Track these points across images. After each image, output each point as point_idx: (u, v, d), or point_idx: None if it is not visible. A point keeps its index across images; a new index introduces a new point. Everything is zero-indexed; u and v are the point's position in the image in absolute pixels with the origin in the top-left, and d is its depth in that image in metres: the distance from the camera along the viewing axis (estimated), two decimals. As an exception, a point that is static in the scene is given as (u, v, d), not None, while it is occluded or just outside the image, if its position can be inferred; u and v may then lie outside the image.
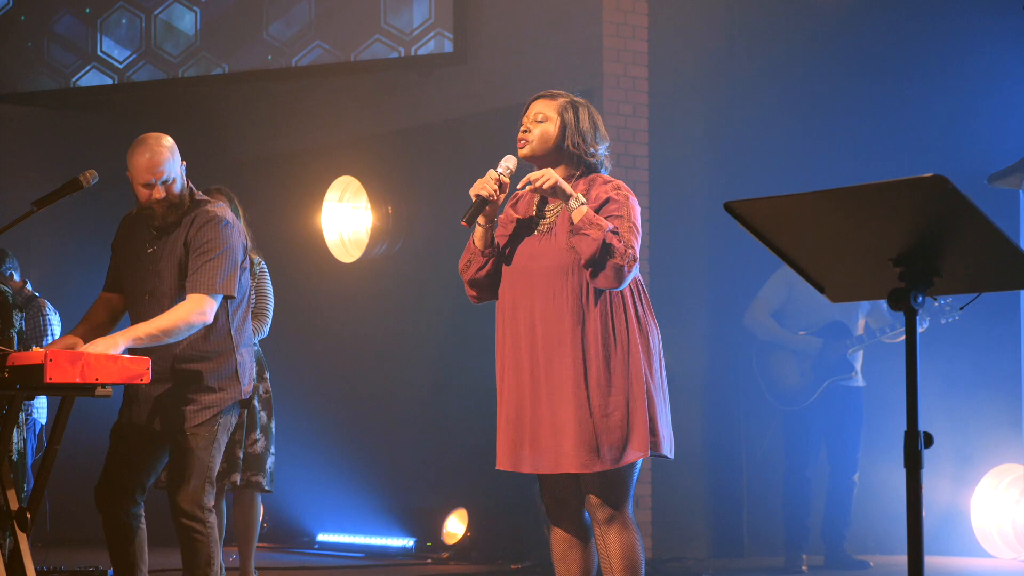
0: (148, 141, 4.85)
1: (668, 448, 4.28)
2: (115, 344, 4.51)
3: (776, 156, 8.41)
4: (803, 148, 8.40)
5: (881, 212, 2.74)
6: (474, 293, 4.45)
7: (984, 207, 2.64)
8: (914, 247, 2.76)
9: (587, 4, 8.23)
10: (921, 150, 8.12)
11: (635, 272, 4.22)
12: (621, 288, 4.20)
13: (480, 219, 4.32)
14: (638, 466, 4.29)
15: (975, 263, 2.82)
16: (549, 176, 4.19)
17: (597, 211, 4.24)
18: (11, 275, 8.00)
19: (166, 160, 4.81)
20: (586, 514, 4.33)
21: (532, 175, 4.23)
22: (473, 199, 4.29)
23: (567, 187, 4.20)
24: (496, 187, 4.29)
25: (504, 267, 4.37)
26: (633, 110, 8.22)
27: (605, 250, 4.12)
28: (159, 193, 4.82)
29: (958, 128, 8.10)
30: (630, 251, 4.15)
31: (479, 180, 4.30)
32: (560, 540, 4.39)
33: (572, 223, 4.22)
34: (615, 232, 4.15)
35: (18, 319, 6.18)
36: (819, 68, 8.51)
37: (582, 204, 4.19)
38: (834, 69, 8.49)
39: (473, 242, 4.38)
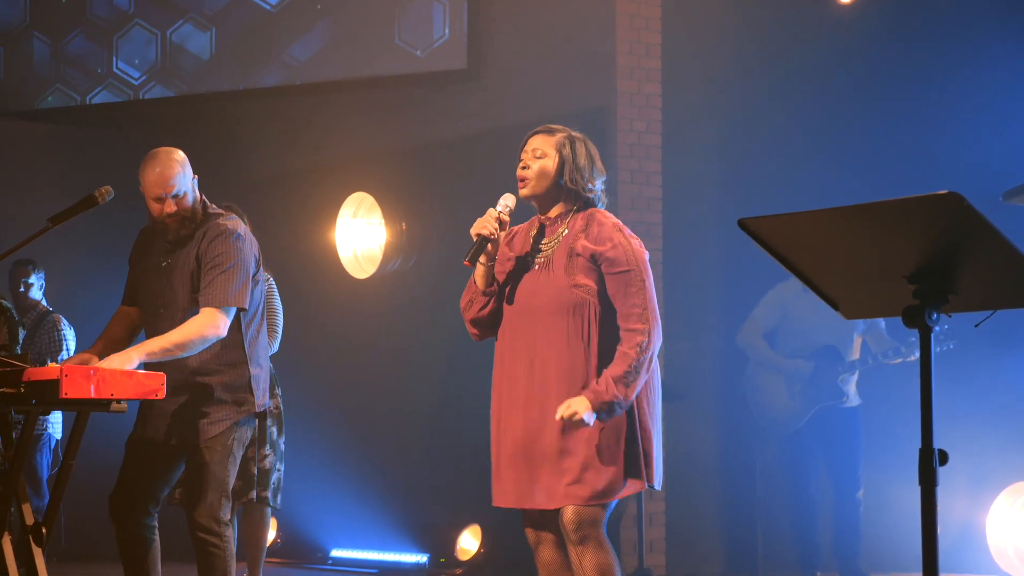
0: (159, 155, 4.86)
1: (658, 481, 4.27)
2: (129, 359, 4.52)
3: (790, 172, 8.41)
4: (817, 164, 8.40)
5: (896, 229, 2.73)
6: (476, 331, 4.44)
7: (1000, 224, 2.64)
8: (929, 264, 2.76)
9: (601, 21, 8.24)
10: (935, 167, 8.10)
11: (659, 335, 4.21)
12: (659, 343, 4.21)
13: (481, 258, 4.33)
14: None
15: (990, 280, 2.81)
16: (575, 412, 4.10)
17: (595, 258, 4.23)
18: (31, 284, 8.04)
19: (176, 174, 4.82)
20: None
21: (562, 411, 4.12)
22: (474, 239, 4.30)
23: (589, 413, 4.13)
24: (496, 226, 4.30)
25: (504, 305, 4.37)
26: (647, 127, 8.22)
27: (631, 377, 4.14)
28: (170, 207, 4.83)
29: (972, 145, 8.09)
30: (647, 339, 4.15)
31: (479, 219, 4.30)
32: (547, 565, 4.38)
33: (572, 258, 4.24)
34: (623, 372, 4.13)
35: (22, 335, 6.21)
36: (833, 84, 8.51)
37: (592, 409, 4.13)
38: (848, 85, 8.49)
39: (474, 281, 4.38)
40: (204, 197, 4.98)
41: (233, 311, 4.80)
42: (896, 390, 7.69)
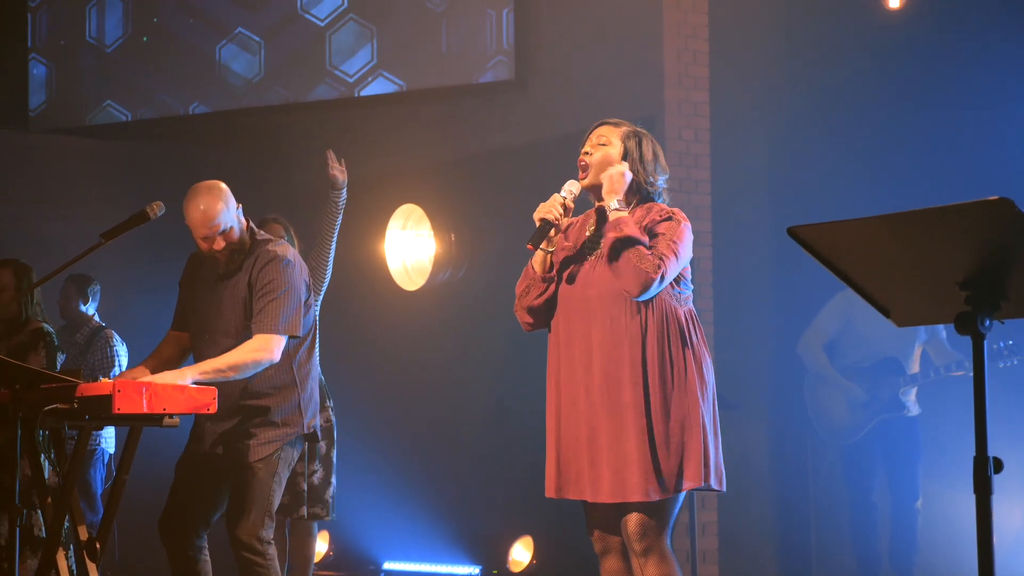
0: (199, 193, 4.85)
1: (716, 480, 4.23)
2: (182, 377, 4.55)
3: (839, 179, 8.36)
4: (867, 170, 8.34)
5: (946, 236, 2.72)
6: (530, 320, 4.42)
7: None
8: (980, 270, 2.74)
9: (648, 30, 8.23)
10: (986, 174, 8.03)
11: (660, 286, 4.19)
12: (643, 298, 4.18)
13: (543, 243, 4.33)
14: (682, 497, 4.25)
15: (1042, 286, 2.79)
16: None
17: (650, 230, 4.23)
18: (89, 297, 8.10)
19: (220, 211, 4.82)
20: None
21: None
22: (537, 223, 4.30)
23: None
24: (561, 211, 4.30)
25: (561, 294, 4.36)
26: (695, 135, 8.20)
27: (628, 247, 4.15)
28: (219, 244, 4.85)
29: (1022, 151, 8.02)
30: (657, 261, 4.14)
31: (543, 204, 4.30)
32: (613, 574, 4.36)
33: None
34: (646, 245, 4.18)
35: (62, 359, 6.25)
36: (882, 90, 8.45)
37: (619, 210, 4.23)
38: (897, 91, 8.43)
39: (533, 268, 4.38)
40: (251, 223, 4.98)
41: (286, 338, 4.82)
42: (945, 398, 7.62)
